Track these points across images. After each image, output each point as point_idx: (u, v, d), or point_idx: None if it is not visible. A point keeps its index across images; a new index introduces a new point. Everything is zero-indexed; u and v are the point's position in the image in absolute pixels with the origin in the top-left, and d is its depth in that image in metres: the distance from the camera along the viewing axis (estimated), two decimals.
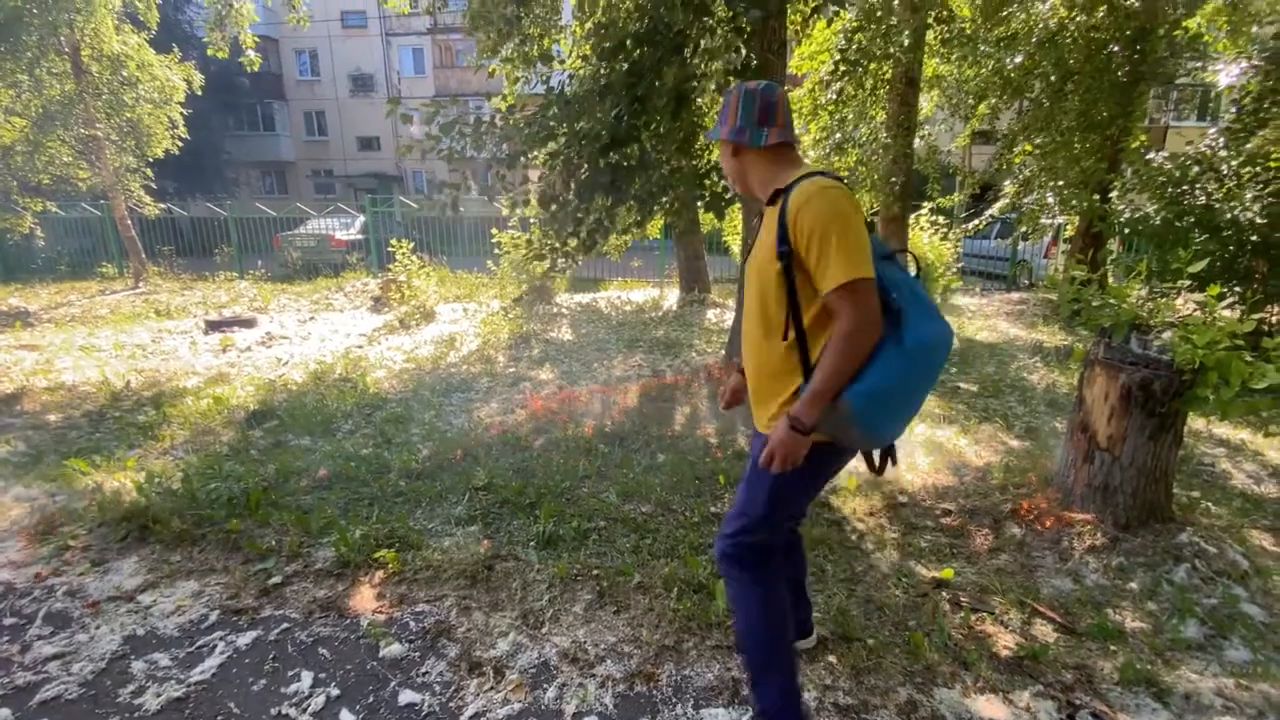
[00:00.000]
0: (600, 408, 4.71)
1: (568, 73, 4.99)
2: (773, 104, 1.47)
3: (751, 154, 1.51)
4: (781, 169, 1.49)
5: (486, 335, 7.11)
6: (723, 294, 9.28)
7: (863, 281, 1.30)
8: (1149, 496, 2.71)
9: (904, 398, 1.38)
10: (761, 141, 1.47)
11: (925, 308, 1.37)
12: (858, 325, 1.30)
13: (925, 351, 1.34)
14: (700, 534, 2.84)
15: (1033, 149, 7.73)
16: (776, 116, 1.47)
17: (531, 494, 3.20)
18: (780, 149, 1.50)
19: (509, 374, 5.66)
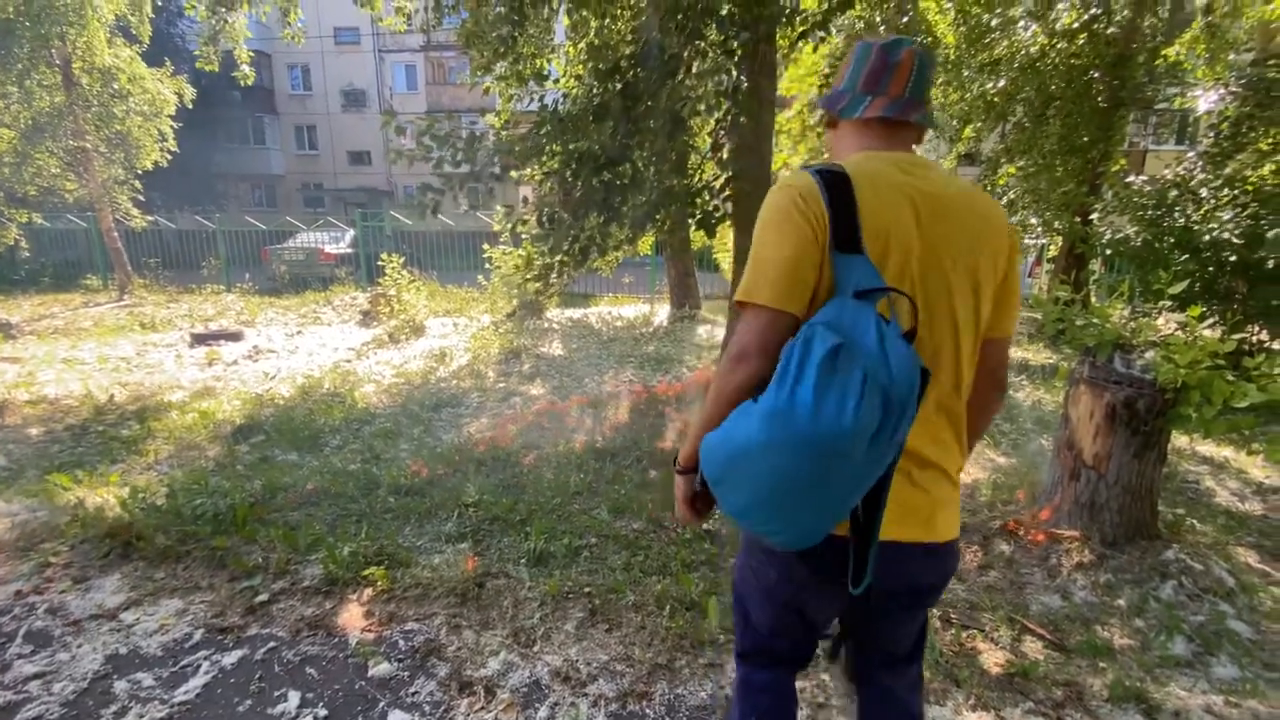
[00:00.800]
0: (590, 422, 4.71)
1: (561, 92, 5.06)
2: (890, 66, 1.08)
3: (846, 127, 1.15)
4: (851, 149, 1.14)
5: (476, 350, 7.10)
6: (713, 310, 9.34)
7: (747, 308, 1.02)
8: (1135, 514, 2.74)
9: (746, 477, 0.94)
10: (858, 112, 1.10)
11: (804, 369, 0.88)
12: (725, 357, 1.04)
13: (769, 423, 0.89)
14: (692, 551, 2.83)
15: (1016, 171, 7.90)
16: (890, 83, 1.08)
17: (522, 510, 3.18)
18: (881, 127, 1.11)
19: (499, 389, 5.64)
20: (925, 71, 1.10)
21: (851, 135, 1.15)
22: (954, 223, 1.04)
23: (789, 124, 7.84)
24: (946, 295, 1.04)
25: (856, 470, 0.90)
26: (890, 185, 1.03)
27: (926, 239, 1.02)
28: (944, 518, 1.09)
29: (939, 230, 1.03)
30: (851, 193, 1.00)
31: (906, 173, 1.06)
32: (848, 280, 0.98)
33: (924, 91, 1.11)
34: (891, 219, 1.01)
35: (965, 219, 1.05)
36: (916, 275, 1.02)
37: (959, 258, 1.04)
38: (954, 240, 1.04)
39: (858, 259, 0.98)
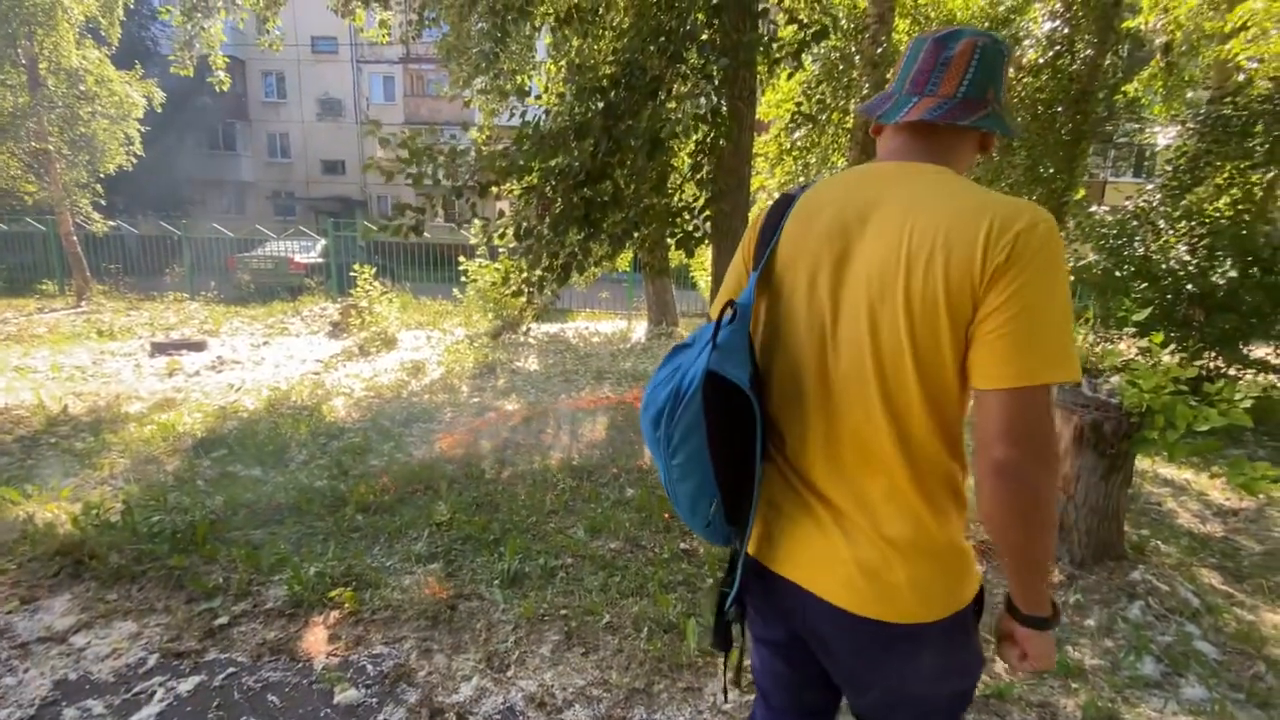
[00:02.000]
0: (567, 438, 4.66)
1: (543, 108, 5.07)
2: (943, 61, 0.94)
3: (884, 134, 1.02)
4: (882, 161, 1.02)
5: (450, 364, 7.00)
6: (690, 327, 9.38)
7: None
8: (1102, 535, 2.80)
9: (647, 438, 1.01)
10: (899, 115, 0.96)
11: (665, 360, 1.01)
12: None
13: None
14: (670, 571, 2.80)
15: None
16: (943, 80, 0.94)
17: (496, 530, 3.12)
18: (919, 132, 0.97)
19: (473, 404, 5.56)
20: (990, 65, 0.93)
21: (885, 142, 1.02)
22: (884, 237, 0.89)
23: (766, 147, 7.98)
24: (857, 319, 0.90)
25: (654, 446, 0.98)
26: (827, 200, 0.97)
27: (840, 255, 0.92)
28: (872, 587, 0.89)
29: (862, 246, 0.91)
30: (782, 214, 1.01)
31: (867, 183, 0.95)
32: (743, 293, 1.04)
33: (985, 90, 0.93)
34: (800, 235, 0.97)
35: (905, 232, 0.87)
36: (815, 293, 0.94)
37: (883, 277, 0.88)
38: (877, 257, 0.89)
39: (752, 275, 1.02)
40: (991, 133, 0.99)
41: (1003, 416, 0.82)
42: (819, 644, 0.99)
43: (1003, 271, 0.81)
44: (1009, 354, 0.81)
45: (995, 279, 0.81)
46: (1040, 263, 0.80)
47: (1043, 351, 0.80)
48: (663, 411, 0.93)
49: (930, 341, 0.86)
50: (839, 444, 0.93)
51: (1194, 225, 5.44)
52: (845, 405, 0.92)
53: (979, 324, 0.83)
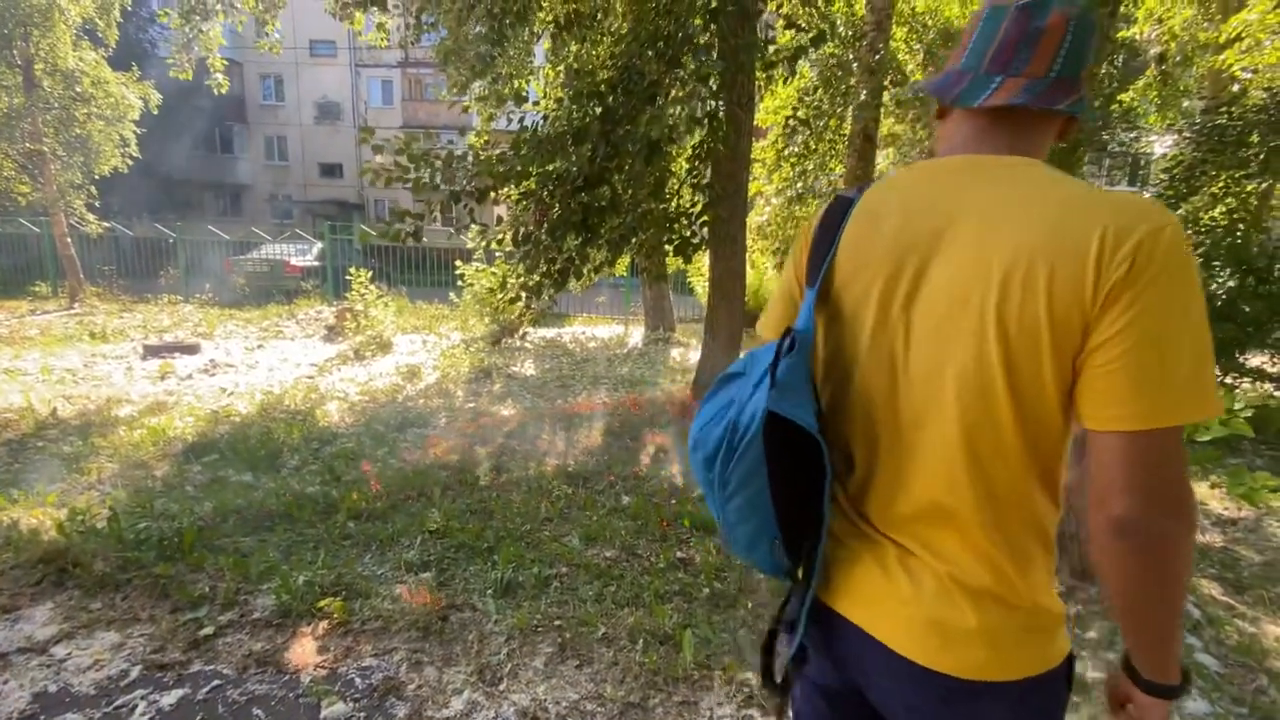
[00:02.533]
0: (562, 444, 4.62)
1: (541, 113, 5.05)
2: (1032, 34, 0.79)
3: (955, 117, 0.88)
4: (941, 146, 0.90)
5: (446, 368, 6.96)
6: (686, 333, 9.36)
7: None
8: None
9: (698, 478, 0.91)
10: (981, 97, 0.82)
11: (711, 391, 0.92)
12: None
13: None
14: (666, 580, 2.76)
15: None
16: (1033, 57, 0.80)
17: (490, 537, 3.08)
18: (1004, 118, 0.83)
19: (468, 409, 5.52)
20: (1083, 41, 0.80)
21: (954, 129, 0.87)
22: (969, 247, 0.75)
23: (764, 153, 7.99)
24: (936, 346, 0.78)
25: (707, 488, 0.90)
26: (894, 202, 0.84)
27: (913, 270, 0.79)
28: (940, 637, 0.78)
29: (940, 258, 0.77)
30: (839, 220, 0.88)
31: (943, 181, 0.82)
32: (799, 315, 0.90)
33: (1079, 69, 0.80)
34: (862, 246, 0.84)
35: (995, 241, 0.73)
36: (882, 315, 0.81)
37: (968, 297, 0.75)
38: (961, 272, 0.75)
39: (809, 292, 0.89)
40: (1074, 118, 0.85)
41: (1124, 464, 0.69)
42: (877, 695, 0.87)
43: (1121, 290, 0.67)
44: (1131, 390, 0.67)
45: (1112, 299, 0.68)
46: (1168, 277, 0.67)
47: (1174, 386, 0.67)
48: (716, 453, 0.84)
49: (1030, 373, 0.72)
50: (910, 482, 0.82)
51: (1190, 234, 5.44)
52: (919, 442, 0.80)
53: (1092, 353, 0.70)
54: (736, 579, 2.82)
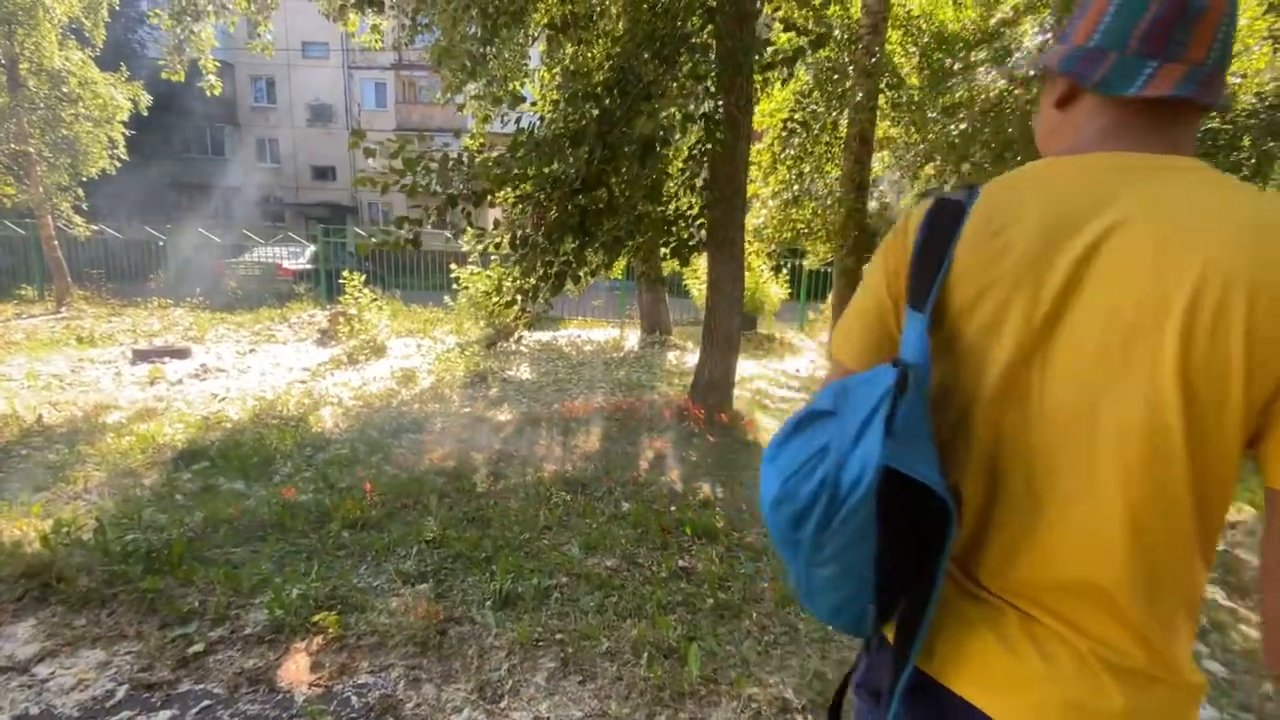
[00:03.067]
0: (559, 450, 4.57)
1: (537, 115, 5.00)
2: (1192, 14, 0.67)
3: (1090, 106, 0.74)
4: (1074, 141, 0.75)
5: (441, 373, 6.88)
6: (682, 336, 9.32)
7: (831, 364, 0.88)
8: None
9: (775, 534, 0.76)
10: (1135, 85, 0.70)
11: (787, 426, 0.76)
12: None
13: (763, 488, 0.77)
14: (668, 591, 2.71)
15: None
16: (1192, 41, 0.68)
17: (488, 547, 3.02)
18: (1156, 112, 0.71)
19: (465, 414, 5.45)
20: (1234, 25, 0.70)
21: (1085, 119, 0.74)
22: (1132, 268, 0.63)
23: (760, 156, 7.97)
24: (1084, 386, 0.66)
25: (787, 547, 0.75)
26: (1026, 210, 0.69)
27: (1055, 294, 0.66)
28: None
29: (1093, 281, 0.65)
30: (952, 229, 0.73)
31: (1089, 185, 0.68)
32: (904, 343, 0.76)
33: (1228, 57, 0.70)
34: (985, 262, 0.70)
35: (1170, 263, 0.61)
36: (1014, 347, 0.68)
37: (1135, 330, 0.63)
38: (1125, 300, 0.63)
39: (917, 317, 0.73)
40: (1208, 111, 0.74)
41: None
42: None
43: None
44: None
45: None
46: None
47: None
48: (807, 512, 0.69)
49: (1214, 427, 0.61)
50: (1044, 547, 0.70)
51: None
52: (1056, 500, 0.68)
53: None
54: (740, 589, 2.77)
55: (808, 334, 10.10)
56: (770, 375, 7.22)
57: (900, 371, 0.68)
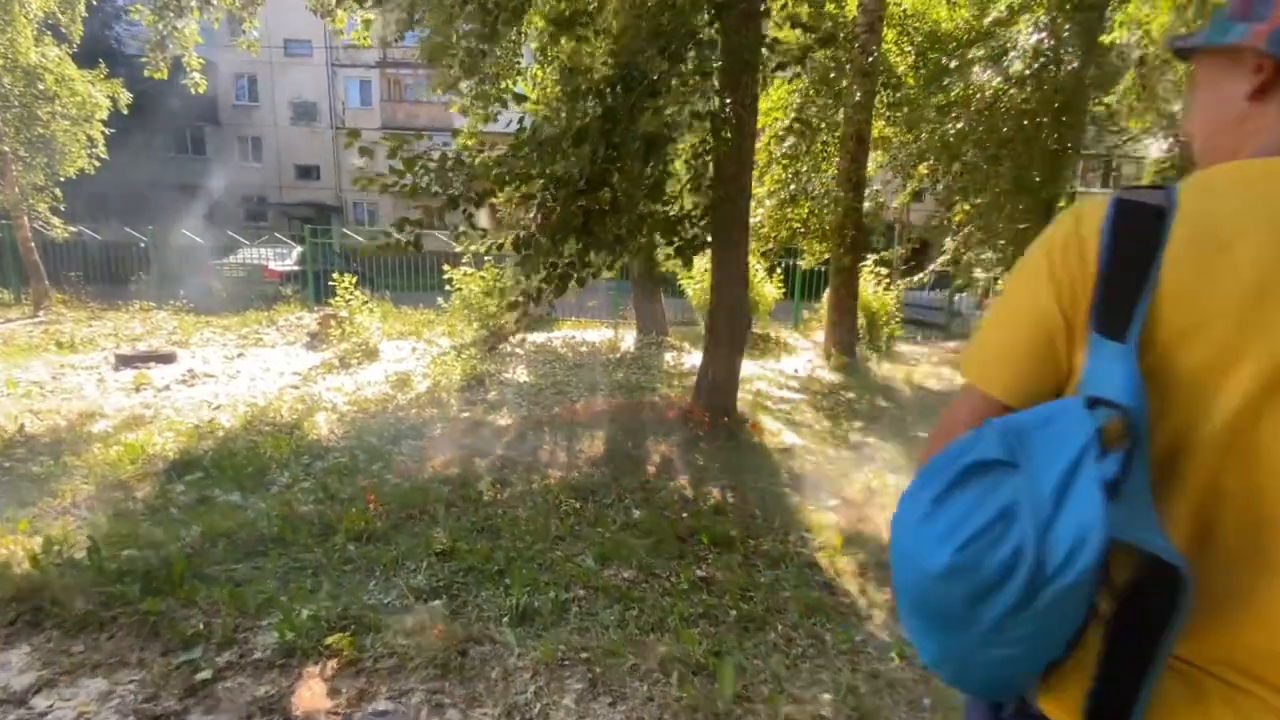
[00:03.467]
0: (564, 455, 4.48)
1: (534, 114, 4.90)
2: None
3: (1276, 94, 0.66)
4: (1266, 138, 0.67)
5: (437, 376, 6.75)
6: (679, 336, 9.25)
7: (964, 385, 0.76)
8: None
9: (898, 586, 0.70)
10: None
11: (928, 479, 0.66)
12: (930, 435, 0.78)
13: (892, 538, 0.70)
14: (690, 603, 2.64)
15: (971, 209, 8.20)
16: None
17: (500, 559, 2.93)
18: None
19: (464, 418, 5.34)
20: None
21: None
22: None
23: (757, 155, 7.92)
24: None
25: (949, 623, 0.63)
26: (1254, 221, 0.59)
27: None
28: None
29: None
30: (1155, 238, 0.62)
31: None
32: (1092, 376, 0.63)
33: None
34: (1207, 284, 0.60)
35: None
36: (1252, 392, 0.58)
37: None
38: None
39: (1115, 348, 0.61)
40: None
41: None
42: None
43: None
44: None
45: None
46: None
47: None
48: (995, 589, 0.58)
49: None
50: (1266, 604, 0.60)
51: None
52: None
53: None
54: (762, 599, 2.72)
55: (802, 333, 10.07)
56: (769, 376, 7.18)
57: (1109, 416, 0.57)
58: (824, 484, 4.15)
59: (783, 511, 3.70)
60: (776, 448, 4.75)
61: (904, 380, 7.50)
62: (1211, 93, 0.71)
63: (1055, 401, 0.64)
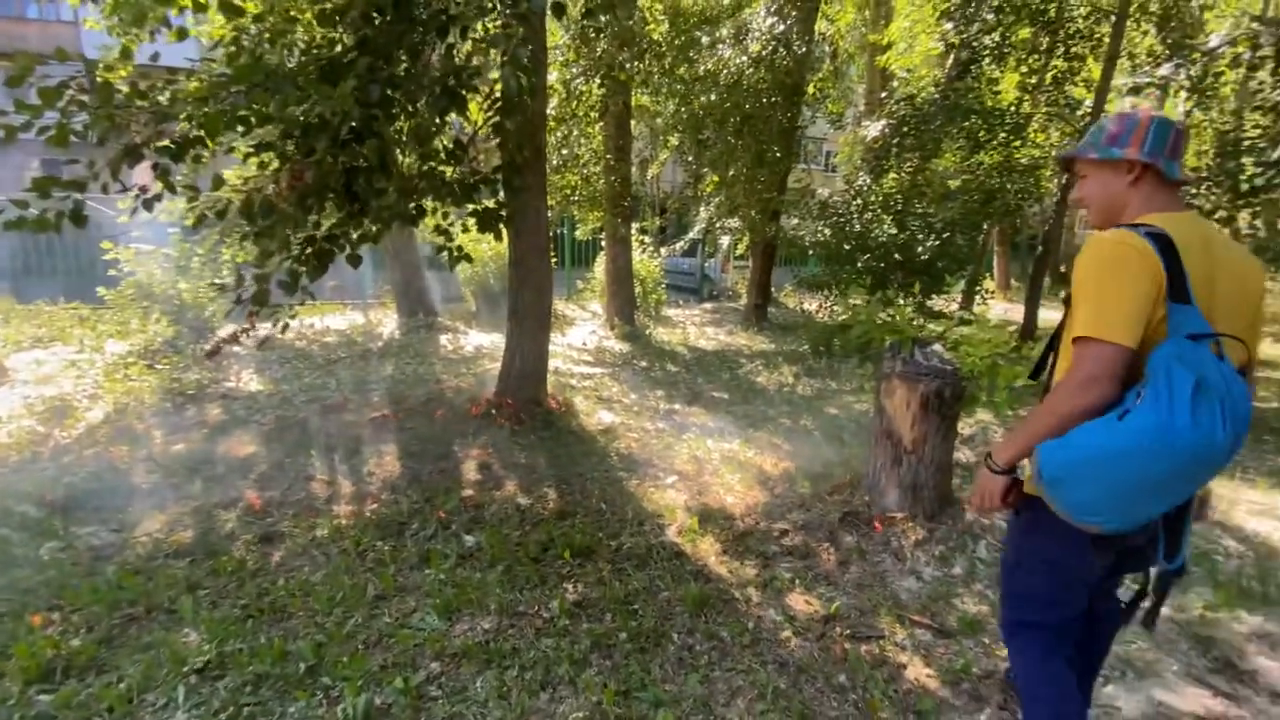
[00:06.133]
0: (350, 483, 3.57)
1: (246, 31, 3.64)
2: (1182, 139, 1.34)
3: (1153, 180, 1.34)
4: (1146, 205, 1.33)
5: (118, 395, 4.92)
6: (451, 316, 8.30)
7: (1094, 343, 1.20)
8: (944, 488, 3.09)
9: (1105, 476, 1.17)
10: (1176, 174, 1.33)
11: (1176, 391, 1.11)
12: (1072, 381, 1.24)
13: (1144, 434, 1.13)
14: (572, 638, 2.23)
15: (719, 181, 8.81)
16: (1183, 151, 1.35)
17: (303, 652, 2.12)
18: (1175, 188, 1.36)
19: (179, 453, 3.94)
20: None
21: (1151, 191, 1.35)
22: (1237, 281, 1.29)
23: None
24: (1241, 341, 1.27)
25: (1207, 476, 1.24)
26: (1204, 247, 1.26)
27: (1225, 297, 1.26)
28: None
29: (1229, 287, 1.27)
30: (1178, 252, 1.21)
31: (1206, 235, 1.29)
32: (1181, 325, 1.19)
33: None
34: (1205, 275, 1.23)
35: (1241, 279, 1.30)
36: (1232, 323, 1.24)
37: (1242, 310, 1.29)
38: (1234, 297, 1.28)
39: (1189, 309, 1.20)
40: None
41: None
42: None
43: None
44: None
45: None
46: None
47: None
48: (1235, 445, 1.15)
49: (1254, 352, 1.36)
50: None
51: (890, 204, 6.59)
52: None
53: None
54: (647, 608, 2.43)
55: (578, 304, 9.90)
56: (560, 352, 6.81)
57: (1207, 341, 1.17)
58: (655, 460, 4.01)
59: (628, 499, 3.44)
60: (596, 429, 4.46)
61: (681, 343, 7.82)
62: (1104, 184, 1.40)
63: (1171, 341, 1.18)
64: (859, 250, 6.35)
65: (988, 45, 7.18)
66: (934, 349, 3.16)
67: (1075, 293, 1.27)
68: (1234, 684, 2.14)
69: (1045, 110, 7.65)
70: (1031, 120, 7.36)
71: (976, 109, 6.80)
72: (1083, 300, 1.24)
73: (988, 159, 7.00)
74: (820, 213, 6.93)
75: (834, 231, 6.63)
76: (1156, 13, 7.88)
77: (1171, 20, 7.88)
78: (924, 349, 3.13)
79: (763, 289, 9.23)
